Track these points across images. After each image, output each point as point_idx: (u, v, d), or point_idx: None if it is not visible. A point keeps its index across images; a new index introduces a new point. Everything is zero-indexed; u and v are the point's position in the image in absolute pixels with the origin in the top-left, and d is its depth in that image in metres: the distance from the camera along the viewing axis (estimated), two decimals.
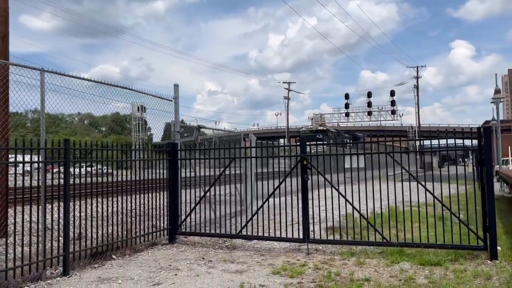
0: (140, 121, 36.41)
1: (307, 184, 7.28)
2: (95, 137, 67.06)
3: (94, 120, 75.07)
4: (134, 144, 36.05)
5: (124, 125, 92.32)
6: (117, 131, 73.29)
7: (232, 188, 8.87)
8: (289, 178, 7.84)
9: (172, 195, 8.49)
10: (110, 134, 72.71)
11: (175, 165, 8.55)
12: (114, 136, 63.02)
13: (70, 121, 79.43)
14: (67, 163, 6.21)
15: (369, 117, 64.91)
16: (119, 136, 66.88)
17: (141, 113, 23.17)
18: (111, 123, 77.24)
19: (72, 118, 77.33)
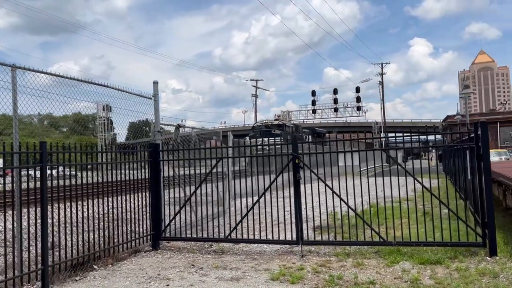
0: (106, 121, 35.11)
1: (299, 183, 7.02)
2: (55, 138, 64.74)
3: (54, 121, 72.57)
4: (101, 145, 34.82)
5: (87, 125, 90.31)
6: (79, 132, 71.12)
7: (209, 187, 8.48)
8: (267, 175, 7.56)
9: (154, 198, 8.02)
10: (71, 134, 70.47)
11: (157, 167, 8.08)
12: (76, 137, 61.03)
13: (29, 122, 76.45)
14: (43, 168, 5.66)
15: (336, 113, 65.67)
16: (81, 137, 64.86)
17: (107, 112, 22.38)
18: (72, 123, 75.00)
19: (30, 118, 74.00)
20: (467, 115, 24.36)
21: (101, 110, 20.79)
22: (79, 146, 6.47)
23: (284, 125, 43.01)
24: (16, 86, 5.61)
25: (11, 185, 5.60)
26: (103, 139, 37.67)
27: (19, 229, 5.45)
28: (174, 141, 9.51)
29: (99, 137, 40.44)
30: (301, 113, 69.35)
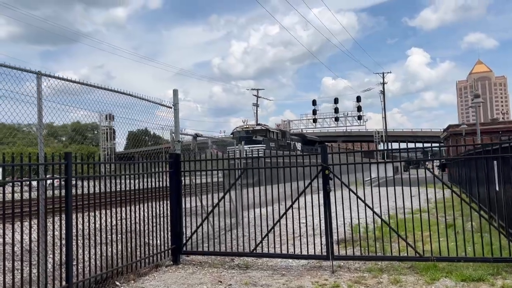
0: (108, 130, 34.90)
1: (329, 195, 6.75)
2: (54, 147, 63.99)
3: (53, 130, 71.81)
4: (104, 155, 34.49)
5: (86, 135, 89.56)
6: (78, 141, 70.51)
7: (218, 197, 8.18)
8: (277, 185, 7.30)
9: (174, 210, 7.74)
10: (70, 143, 69.71)
11: (177, 178, 7.81)
12: (75, 146, 60.41)
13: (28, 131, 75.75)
14: (69, 180, 5.39)
15: (336, 123, 65.53)
16: (80, 146, 64.24)
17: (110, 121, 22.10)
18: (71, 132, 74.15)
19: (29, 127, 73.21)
20: (477, 125, 24.13)
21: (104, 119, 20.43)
22: (102, 157, 6.20)
23: (267, 130, 37.15)
24: (41, 93, 5.36)
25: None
26: (105, 148, 37.40)
27: (43, 244, 5.16)
28: (192, 150, 9.24)
29: (101, 146, 40.15)
30: (302, 122, 69.26)
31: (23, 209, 4.97)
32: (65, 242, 5.34)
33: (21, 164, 4.81)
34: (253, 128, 37.13)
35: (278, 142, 37.07)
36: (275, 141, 35.78)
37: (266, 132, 36.20)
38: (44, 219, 5.14)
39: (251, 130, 36.03)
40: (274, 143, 35.26)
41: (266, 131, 36.44)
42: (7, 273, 4.79)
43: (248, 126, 37.85)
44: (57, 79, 5.65)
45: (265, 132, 36.13)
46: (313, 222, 7.58)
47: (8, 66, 5.07)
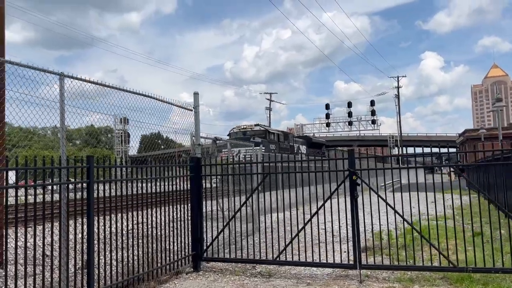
0: (123, 134, 35.02)
1: (357, 202, 6.50)
2: (69, 150, 64.44)
3: (68, 133, 72.31)
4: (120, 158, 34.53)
5: (100, 138, 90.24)
6: (92, 144, 71.04)
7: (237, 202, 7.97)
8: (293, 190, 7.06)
9: (195, 216, 7.55)
10: (84, 147, 70.14)
11: (198, 183, 7.63)
12: (89, 149, 60.82)
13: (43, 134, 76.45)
14: (91, 184, 5.24)
15: (350, 127, 64.93)
16: (94, 149, 64.69)
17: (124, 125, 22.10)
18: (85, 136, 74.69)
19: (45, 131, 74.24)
20: (499, 129, 23.47)
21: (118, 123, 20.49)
22: (118, 160, 6.04)
23: (267, 131, 33.51)
24: (64, 95, 5.23)
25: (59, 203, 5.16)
26: (119, 152, 37.54)
27: (65, 249, 5.00)
28: (212, 154, 9.06)
29: (116, 150, 40.35)
30: (314, 126, 68.84)
31: (44, 213, 4.83)
32: (87, 248, 5.18)
33: (44, 168, 4.67)
34: (251, 128, 33.05)
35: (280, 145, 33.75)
36: (275, 143, 32.66)
37: (265, 133, 32.79)
38: (66, 224, 4.99)
39: (248, 131, 32.20)
40: (275, 146, 32.33)
41: (265, 132, 32.96)
42: (26, 278, 4.64)
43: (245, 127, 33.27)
44: (79, 81, 5.51)
45: (264, 133, 32.70)
46: (332, 228, 7.33)
47: (32, 67, 4.96)
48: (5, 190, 4.91)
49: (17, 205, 4.43)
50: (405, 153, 40.02)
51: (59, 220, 4.98)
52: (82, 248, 5.19)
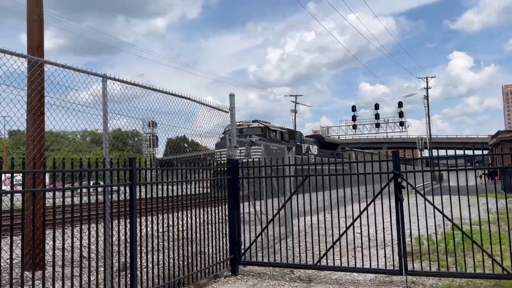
0: (151, 137, 35.38)
1: (402, 205, 6.26)
2: (98, 154, 65.85)
3: (96, 137, 74.07)
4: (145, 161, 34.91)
5: (126, 141, 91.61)
6: (119, 147, 72.39)
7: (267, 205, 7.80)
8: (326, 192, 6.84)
9: (232, 219, 7.45)
10: (112, 150, 71.61)
11: (235, 185, 7.52)
12: (116, 153, 61.94)
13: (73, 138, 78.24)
14: (133, 186, 5.20)
15: (377, 129, 63.90)
16: (121, 153, 65.86)
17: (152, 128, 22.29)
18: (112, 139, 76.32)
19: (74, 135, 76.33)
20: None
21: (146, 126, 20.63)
22: (162, 163, 6.00)
23: (267, 129, 28.78)
24: (107, 97, 5.22)
25: (104, 206, 5.15)
26: (148, 155, 38.05)
27: (105, 252, 4.97)
28: (247, 156, 8.95)
29: (144, 153, 40.85)
30: (341, 128, 68.17)
31: (89, 215, 4.81)
32: (130, 250, 5.14)
33: (89, 170, 4.65)
34: (247, 125, 28.45)
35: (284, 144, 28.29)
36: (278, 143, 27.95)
37: (265, 131, 28.48)
38: (110, 227, 4.96)
39: (244, 129, 27.68)
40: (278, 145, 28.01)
41: (265, 130, 28.60)
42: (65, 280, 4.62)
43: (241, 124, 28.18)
44: (121, 83, 5.49)
45: (264, 131, 28.38)
46: (369, 232, 7.10)
47: (76, 69, 4.97)
48: (43, 193, 4.93)
49: (54, 207, 4.42)
50: (450, 155, 38.39)
51: (104, 222, 4.95)
52: (125, 251, 5.15)
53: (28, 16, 7.94)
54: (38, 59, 5.40)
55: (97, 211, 4.97)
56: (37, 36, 8.00)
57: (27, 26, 7.95)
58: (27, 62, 6.52)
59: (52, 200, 4.33)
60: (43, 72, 7.28)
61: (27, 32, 7.95)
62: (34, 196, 3.99)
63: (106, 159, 5.05)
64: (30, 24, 7.92)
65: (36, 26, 7.97)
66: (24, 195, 3.94)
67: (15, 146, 54.14)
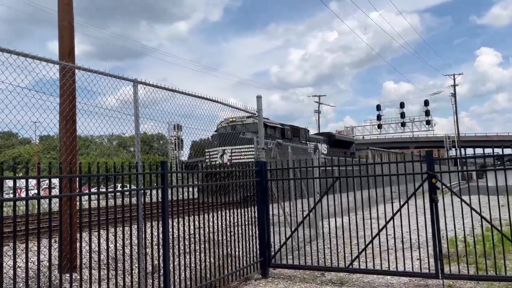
0: (177, 140, 35.79)
1: (437, 207, 6.09)
2: (124, 157, 66.98)
3: (122, 141, 75.36)
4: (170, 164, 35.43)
5: (152, 145, 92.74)
6: (145, 151, 73.52)
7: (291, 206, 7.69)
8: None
9: (261, 221, 7.42)
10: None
11: (264, 187, 7.48)
12: (143, 156, 62.92)
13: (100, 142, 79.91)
14: (165, 189, 5.22)
15: (403, 128, 62.77)
16: (147, 156, 66.81)
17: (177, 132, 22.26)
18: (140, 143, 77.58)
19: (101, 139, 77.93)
20: None
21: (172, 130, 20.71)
22: (197, 167, 6.01)
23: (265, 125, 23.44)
24: (138, 101, 5.26)
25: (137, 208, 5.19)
26: (174, 158, 38.47)
27: (144, 255, 5.01)
28: (273, 158, 8.90)
29: (170, 156, 41.34)
30: (365, 128, 67.31)
31: (123, 217, 4.86)
32: (163, 253, 5.16)
33: (123, 174, 4.70)
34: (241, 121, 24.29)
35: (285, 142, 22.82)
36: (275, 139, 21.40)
37: None
38: (143, 230, 4.99)
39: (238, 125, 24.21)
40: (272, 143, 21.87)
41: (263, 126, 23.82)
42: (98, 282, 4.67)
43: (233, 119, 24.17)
44: (152, 87, 5.53)
45: None
46: (402, 234, 6.92)
47: (108, 74, 5.03)
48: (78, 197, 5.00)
49: (90, 210, 4.47)
50: (487, 154, 36.86)
51: (137, 225, 4.99)
52: (158, 253, 5.17)
53: (59, 22, 8.09)
54: (71, 65, 5.50)
55: (131, 213, 5.01)
56: (68, 42, 8.15)
57: (58, 33, 8.09)
58: (59, 68, 6.68)
59: (86, 203, 4.40)
60: (75, 78, 7.43)
61: (58, 38, 8.11)
62: (71, 201, 4.05)
63: (138, 163, 5.09)
64: (61, 30, 8.07)
65: (67, 32, 8.12)
66: (61, 199, 4.00)
67: (46, 151, 55.67)
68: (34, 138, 39.73)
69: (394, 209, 6.65)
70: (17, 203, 3.51)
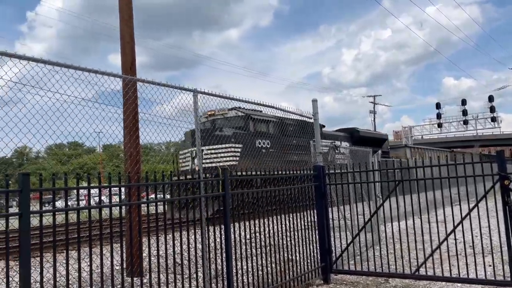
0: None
1: (511, 209, 5.72)
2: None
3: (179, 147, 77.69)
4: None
5: None
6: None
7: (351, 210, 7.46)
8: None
9: (321, 226, 7.33)
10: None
11: (323, 192, 7.40)
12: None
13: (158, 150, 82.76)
14: (226, 195, 5.32)
15: (466, 126, 59.64)
16: None
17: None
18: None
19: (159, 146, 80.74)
20: None
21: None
22: (260, 172, 6.08)
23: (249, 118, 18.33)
24: (198, 111, 5.41)
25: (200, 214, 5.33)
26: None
27: (208, 260, 5.12)
28: (331, 162, 8.78)
29: None
30: (424, 127, 64.69)
31: (188, 223, 5.00)
32: (226, 257, 5.25)
33: (187, 181, 4.84)
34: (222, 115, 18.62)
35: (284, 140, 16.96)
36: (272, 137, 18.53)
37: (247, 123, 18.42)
38: (206, 237, 5.11)
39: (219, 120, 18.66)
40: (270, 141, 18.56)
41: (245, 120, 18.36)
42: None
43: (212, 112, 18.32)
44: (211, 96, 5.67)
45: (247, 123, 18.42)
46: (473, 238, 6.55)
47: (169, 85, 5.21)
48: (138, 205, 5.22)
49: (157, 216, 4.64)
50: None
51: (201, 229, 5.11)
52: (221, 257, 5.27)
53: (121, 38, 8.51)
54: (135, 78, 5.76)
55: (194, 219, 5.15)
56: (130, 56, 8.55)
57: (120, 47, 8.52)
58: (122, 82, 7.02)
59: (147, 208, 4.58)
60: (136, 89, 7.78)
61: (121, 52, 8.53)
62: (139, 208, 4.23)
63: (200, 170, 5.23)
64: (123, 45, 8.48)
65: (128, 46, 8.52)
66: (131, 207, 4.19)
67: (109, 159, 58.65)
68: (98, 147, 42.01)
69: (461, 212, 6.32)
70: None
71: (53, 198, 3.48)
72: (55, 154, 56.59)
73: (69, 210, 3.61)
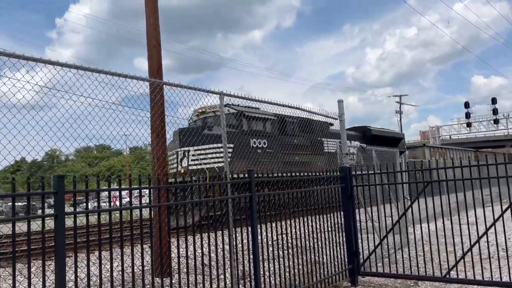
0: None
1: None
2: None
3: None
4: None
5: None
6: None
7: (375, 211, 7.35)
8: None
9: (348, 228, 7.27)
10: None
11: (350, 193, 7.34)
12: None
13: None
14: (252, 197, 5.34)
15: (496, 125, 58.00)
16: None
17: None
18: None
19: None
20: None
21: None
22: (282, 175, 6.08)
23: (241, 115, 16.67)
24: (224, 113, 5.46)
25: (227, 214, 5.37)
26: None
27: (235, 262, 5.16)
28: (357, 163, 8.69)
29: None
30: (453, 127, 63.27)
31: (215, 224, 5.06)
32: (253, 259, 5.27)
33: (213, 183, 4.90)
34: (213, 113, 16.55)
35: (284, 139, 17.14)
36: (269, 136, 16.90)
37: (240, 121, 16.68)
38: (234, 237, 5.15)
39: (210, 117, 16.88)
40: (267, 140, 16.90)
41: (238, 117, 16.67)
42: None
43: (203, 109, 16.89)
44: (237, 98, 5.72)
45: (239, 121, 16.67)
46: (506, 241, 6.37)
47: (196, 88, 5.29)
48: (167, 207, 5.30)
49: (186, 218, 4.69)
50: None
51: (228, 231, 5.15)
52: (248, 258, 5.30)
53: (148, 42, 8.66)
54: (163, 82, 5.86)
55: (222, 220, 5.20)
56: (156, 60, 8.69)
57: (147, 51, 8.67)
58: (149, 86, 7.16)
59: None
60: (163, 93, 7.90)
61: (147, 57, 8.67)
62: (168, 209, 4.30)
63: (227, 172, 5.27)
64: (150, 49, 8.63)
65: (155, 51, 8.67)
66: (160, 208, 4.28)
67: (135, 161, 59.75)
68: (125, 149, 42.80)
69: (493, 213, 6.16)
70: None
71: (86, 199, 3.58)
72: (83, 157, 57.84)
73: (102, 211, 3.71)
